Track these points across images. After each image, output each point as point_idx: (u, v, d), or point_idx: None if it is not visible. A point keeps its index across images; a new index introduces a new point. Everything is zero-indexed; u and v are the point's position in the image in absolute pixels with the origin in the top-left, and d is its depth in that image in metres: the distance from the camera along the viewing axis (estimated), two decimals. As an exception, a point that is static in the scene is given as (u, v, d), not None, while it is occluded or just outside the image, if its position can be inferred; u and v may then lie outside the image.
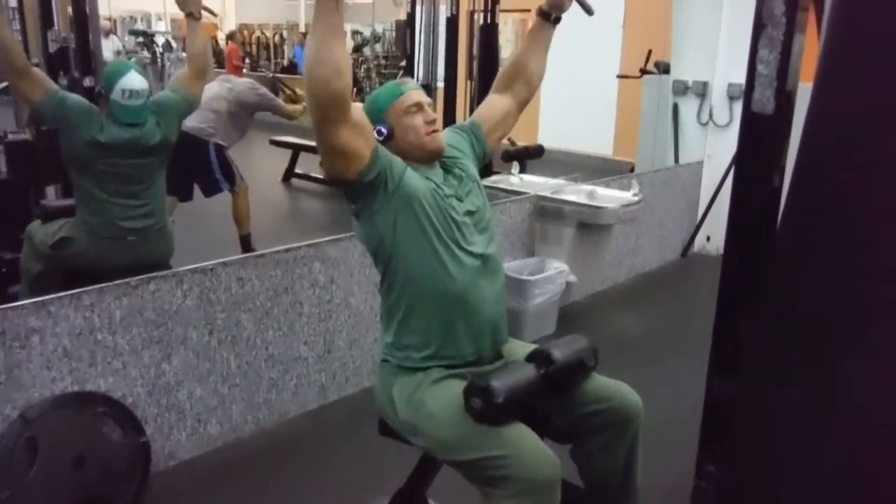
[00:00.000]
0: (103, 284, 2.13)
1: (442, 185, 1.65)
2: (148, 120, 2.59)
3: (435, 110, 4.20)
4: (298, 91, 4.85)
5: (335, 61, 1.38)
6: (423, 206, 1.58)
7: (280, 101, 4.49)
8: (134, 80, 2.52)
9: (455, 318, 1.59)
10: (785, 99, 1.14)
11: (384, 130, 1.62)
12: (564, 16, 1.85)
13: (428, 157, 1.67)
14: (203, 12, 2.79)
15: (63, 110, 2.45)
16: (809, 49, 1.20)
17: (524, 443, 1.45)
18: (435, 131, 1.67)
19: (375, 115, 1.64)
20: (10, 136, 3.41)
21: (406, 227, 1.57)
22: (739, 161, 1.32)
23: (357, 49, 11.47)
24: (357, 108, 1.51)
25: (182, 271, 2.32)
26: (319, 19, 1.37)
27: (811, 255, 1.17)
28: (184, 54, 8.61)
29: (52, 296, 2.06)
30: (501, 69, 1.93)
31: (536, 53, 1.88)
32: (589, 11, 1.78)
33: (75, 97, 2.55)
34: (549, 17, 1.84)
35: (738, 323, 1.38)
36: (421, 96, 1.68)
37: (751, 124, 1.21)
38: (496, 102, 1.88)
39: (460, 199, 1.66)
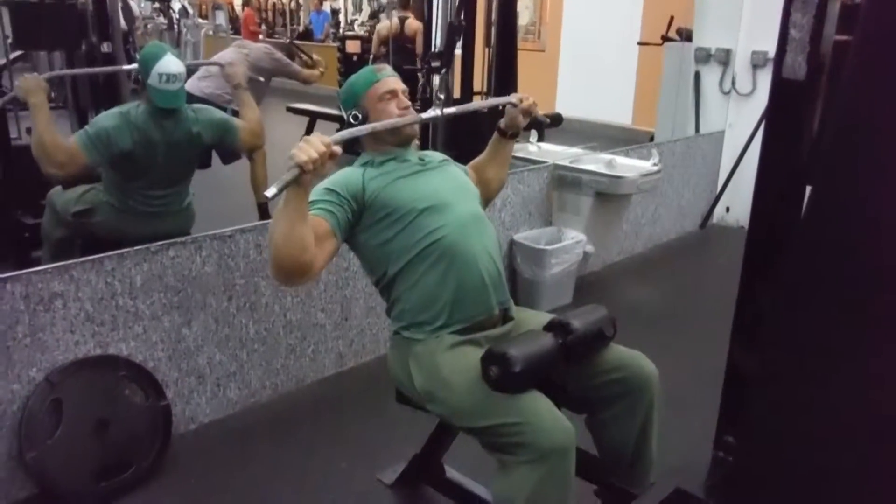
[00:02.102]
0: (124, 250, 2.15)
1: (415, 164, 1.76)
2: (186, 112, 2.56)
3: (452, 77, 4.09)
4: (315, 57, 4.83)
5: (301, 239, 1.49)
6: (393, 195, 1.67)
7: (296, 65, 4.46)
8: (171, 64, 2.46)
9: (454, 277, 1.63)
10: (817, 65, 1.10)
11: (359, 115, 1.73)
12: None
13: (400, 141, 1.77)
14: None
15: (99, 146, 2.40)
16: (844, 13, 1.16)
17: (539, 410, 1.45)
18: None
19: (352, 100, 1.75)
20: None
21: (385, 219, 1.66)
22: (768, 129, 1.29)
23: (373, 15, 11.33)
24: (317, 227, 1.57)
25: (201, 237, 2.33)
26: (289, 205, 1.46)
27: (836, 235, 1.14)
28: (200, 20, 8.58)
29: (75, 261, 2.08)
30: (473, 161, 2.02)
31: (494, 166, 2.00)
32: (543, 124, 2.00)
33: (96, 126, 2.45)
34: (506, 133, 1.96)
35: (760, 294, 1.37)
36: (396, 83, 1.77)
37: (781, 90, 1.18)
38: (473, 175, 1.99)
39: (434, 169, 1.78)
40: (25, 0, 3.32)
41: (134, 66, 2.63)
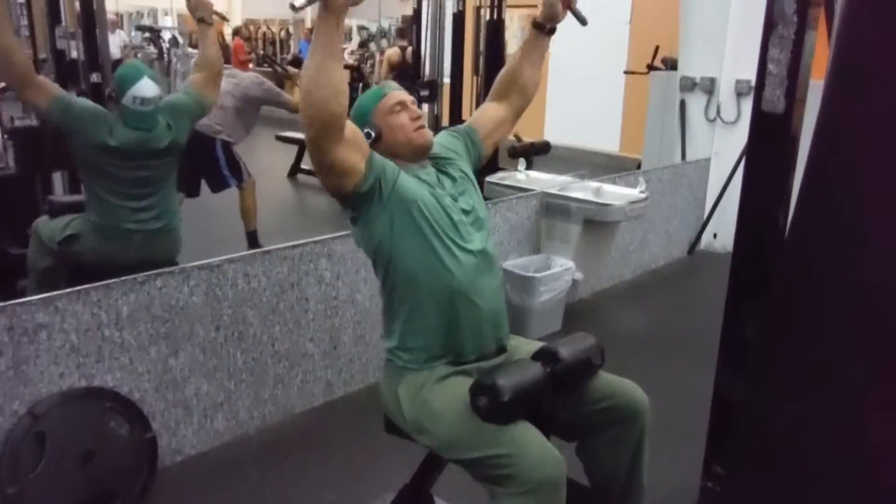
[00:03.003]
0: (110, 280, 2.14)
1: (436, 185, 1.67)
2: (158, 124, 2.56)
3: (441, 106, 4.12)
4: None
5: (335, 83, 1.40)
6: (420, 207, 1.59)
7: (286, 95, 4.49)
8: (146, 88, 2.47)
9: (457, 315, 1.60)
10: (796, 98, 1.12)
11: (372, 133, 1.64)
12: (569, 14, 1.85)
13: (417, 154, 1.69)
14: (214, 16, 2.79)
15: (70, 116, 2.42)
16: (821, 45, 1.19)
17: (528, 441, 1.44)
18: (421, 127, 1.69)
19: (361, 119, 1.67)
20: (17, 122, 3.41)
21: (403, 228, 1.59)
22: (749, 160, 1.31)
23: (363, 45, 11.44)
24: (350, 124, 1.52)
25: (189, 267, 2.32)
26: (319, 41, 1.39)
27: (818, 262, 1.15)
28: (190, 50, 8.64)
29: (60, 292, 2.06)
30: (498, 77, 1.94)
31: (531, 64, 1.89)
32: (583, 22, 1.82)
33: (82, 102, 2.51)
34: (544, 28, 1.85)
35: (746, 321, 1.37)
36: (403, 95, 1.71)
37: (761, 123, 1.20)
38: (491, 111, 1.91)
39: (455, 199, 1.68)
40: (27, 126, 3.33)
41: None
